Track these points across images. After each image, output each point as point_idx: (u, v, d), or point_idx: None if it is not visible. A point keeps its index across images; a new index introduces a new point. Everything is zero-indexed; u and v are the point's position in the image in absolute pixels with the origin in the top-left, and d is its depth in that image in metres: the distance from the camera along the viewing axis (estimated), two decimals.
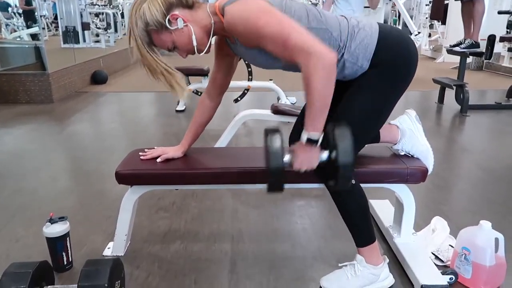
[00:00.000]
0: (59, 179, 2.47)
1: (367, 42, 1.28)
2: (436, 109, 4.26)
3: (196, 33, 1.25)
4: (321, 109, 1.15)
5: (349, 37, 1.28)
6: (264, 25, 1.14)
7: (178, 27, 1.23)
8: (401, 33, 1.38)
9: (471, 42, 3.95)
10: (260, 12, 1.15)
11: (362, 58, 1.29)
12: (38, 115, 3.97)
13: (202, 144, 2.88)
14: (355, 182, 1.37)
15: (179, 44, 1.27)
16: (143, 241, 1.76)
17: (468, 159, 2.84)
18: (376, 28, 1.31)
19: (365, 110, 1.33)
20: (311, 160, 1.21)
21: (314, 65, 1.09)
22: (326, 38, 1.26)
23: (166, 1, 1.22)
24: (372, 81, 1.31)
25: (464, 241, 1.42)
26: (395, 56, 1.31)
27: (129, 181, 1.50)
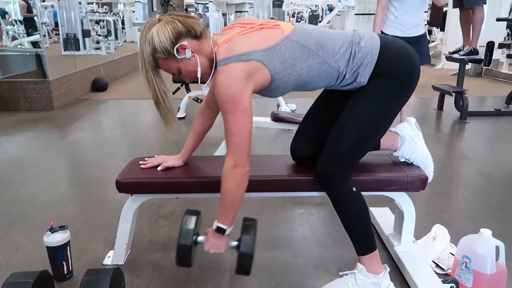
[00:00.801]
0: (59, 187, 2.48)
1: (367, 61, 1.31)
2: (436, 116, 4.27)
3: (202, 63, 1.29)
4: (230, 207, 1.32)
5: (350, 60, 1.31)
6: (226, 111, 1.24)
7: (185, 57, 1.27)
8: (403, 44, 1.39)
9: (470, 49, 3.97)
10: (231, 98, 1.22)
11: (361, 75, 1.32)
12: (39, 122, 3.98)
13: (202, 151, 2.88)
14: (356, 189, 1.38)
15: (184, 72, 1.31)
16: (144, 250, 1.75)
17: (468, 166, 2.85)
18: (378, 42, 1.33)
19: (367, 119, 1.35)
20: (219, 245, 1.38)
21: (233, 174, 1.27)
22: (324, 69, 1.31)
23: (175, 29, 1.24)
24: (374, 91, 1.33)
25: (464, 249, 1.42)
26: (396, 67, 1.33)
27: (130, 190, 1.51)
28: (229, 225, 1.36)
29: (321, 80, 1.35)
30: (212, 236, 1.37)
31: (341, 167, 1.37)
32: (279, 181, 1.50)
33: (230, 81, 1.22)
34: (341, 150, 1.36)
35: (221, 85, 1.23)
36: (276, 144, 3.24)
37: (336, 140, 1.37)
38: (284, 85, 1.33)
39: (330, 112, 1.48)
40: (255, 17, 9.86)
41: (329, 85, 1.38)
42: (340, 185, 1.38)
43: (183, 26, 1.25)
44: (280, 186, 1.52)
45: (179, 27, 1.24)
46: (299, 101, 4.47)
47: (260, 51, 1.25)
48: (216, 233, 1.36)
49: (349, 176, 1.40)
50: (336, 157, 1.37)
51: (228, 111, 1.24)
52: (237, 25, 1.34)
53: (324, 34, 1.34)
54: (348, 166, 1.40)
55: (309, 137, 1.54)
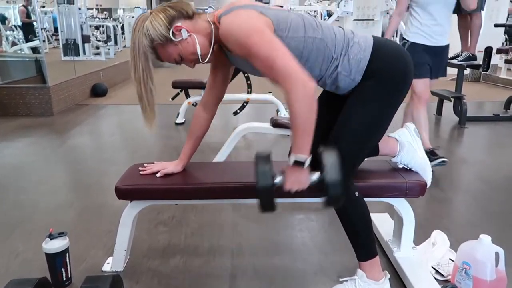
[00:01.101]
0: (59, 193, 2.47)
1: (360, 57, 1.31)
2: (435, 121, 4.28)
3: (200, 41, 1.28)
4: (305, 133, 1.19)
5: (344, 50, 1.31)
6: (253, 44, 1.17)
7: (182, 38, 1.26)
8: (396, 45, 1.41)
9: (468, 54, 3.98)
10: (251, 30, 1.18)
11: (355, 71, 1.31)
12: (38, 128, 3.98)
13: (201, 157, 2.89)
14: (359, 195, 1.38)
15: (185, 54, 1.29)
16: (143, 256, 1.75)
17: (467, 171, 2.85)
18: (371, 41, 1.34)
19: (363, 122, 1.34)
20: (301, 181, 1.25)
21: (297, 93, 1.14)
22: (321, 48, 1.30)
23: (167, 15, 1.26)
24: (368, 93, 1.33)
25: (464, 255, 1.42)
26: (390, 67, 1.33)
27: (129, 196, 1.51)
28: (308, 154, 1.21)
29: (316, 60, 1.31)
30: (291, 171, 1.24)
31: (343, 171, 1.37)
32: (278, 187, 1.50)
33: (246, 17, 1.19)
34: (341, 153, 1.36)
35: (236, 23, 1.19)
36: (275, 150, 3.23)
37: (336, 144, 1.37)
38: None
39: (328, 116, 1.49)
40: None
41: (325, 70, 1.34)
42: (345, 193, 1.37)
43: (173, 10, 1.27)
44: (280, 193, 1.52)
45: (170, 12, 1.26)
46: None
47: (266, 8, 1.26)
48: (295, 168, 1.23)
49: (350, 181, 1.40)
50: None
51: (254, 43, 1.16)
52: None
53: (322, 23, 1.36)
54: (349, 171, 1.40)
55: None
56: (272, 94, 4.23)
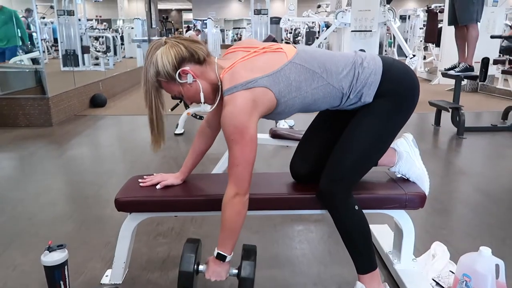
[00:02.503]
0: (57, 204, 2.46)
1: (371, 81, 1.33)
2: (433, 132, 4.30)
3: (204, 88, 1.31)
4: (231, 234, 1.34)
5: (353, 82, 1.33)
6: (232, 141, 1.25)
7: (187, 81, 1.29)
8: (403, 64, 1.43)
9: (466, 65, 4.02)
10: (237, 129, 1.23)
11: (365, 95, 1.34)
12: (37, 138, 3.98)
13: (201, 167, 2.88)
14: (358, 208, 1.38)
15: (186, 96, 1.33)
16: (142, 268, 1.74)
17: (466, 182, 2.85)
18: (380, 63, 1.35)
19: (370, 138, 1.36)
20: (220, 273, 1.38)
21: (234, 202, 1.29)
22: (328, 91, 1.33)
23: (179, 54, 1.26)
24: (377, 111, 1.35)
25: (464, 267, 1.42)
26: (399, 86, 1.36)
27: (128, 208, 1.50)
28: (229, 252, 1.36)
29: (325, 102, 1.36)
30: (213, 263, 1.38)
31: (344, 184, 1.38)
32: (279, 200, 1.50)
33: (236, 112, 1.22)
34: (345, 167, 1.37)
35: (227, 116, 1.23)
36: (274, 161, 3.24)
37: (340, 157, 1.38)
38: (290, 108, 1.34)
39: (330, 130, 1.50)
40: (253, 34, 9.97)
41: (334, 106, 1.39)
42: (343, 203, 1.38)
43: (187, 50, 1.27)
44: (280, 205, 1.52)
45: (182, 51, 1.26)
46: (298, 117, 4.49)
47: (265, 76, 1.25)
48: (216, 260, 1.37)
49: (351, 193, 1.40)
50: (339, 175, 1.37)
51: (234, 141, 1.24)
52: (240, 49, 1.35)
53: (326, 56, 1.35)
54: (351, 184, 1.41)
55: (309, 156, 1.56)
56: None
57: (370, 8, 6.13)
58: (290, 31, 16.83)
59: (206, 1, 27.06)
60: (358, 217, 1.38)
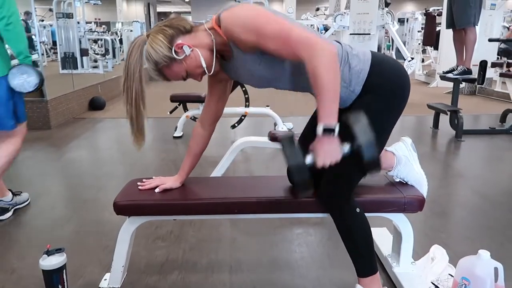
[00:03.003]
0: (56, 208, 2.46)
1: (360, 68, 1.32)
2: (432, 134, 4.30)
3: (203, 54, 1.28)
4: (332, 96, 1.15)
5: (342, 62, 1.32)
6: (264, 23, 1.17)
7: (186, 54, 1.26)
8: (393, 60, 1.43)
9: (464, 68, 4.03)
10: (257, 12, 1.19)
11: (354, 83, 1.33)
12: (36, 141, 3.98)
13: (199, 171, 2.89)
14: (360, 210, 1.38)
15: (191, 69, 1.29)
16: (140, 272, 1.74)
17: (465, 185, 2.86)
18: (369, 55, 1.36)
19: None
20: (333, 151, 1.18)
21: (319, 56, 1.12)
22: None
23: (166, 35, 1.25)
24: (367, 106, 1.34)
25: (463, 271, 1.42)
26: (389, 81, 1.36)
27: (127, 212, 1.50)
28: (336, 119, 1.16)
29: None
30: (321, 144, 1.18)
31: (344, 186, 1.38)
32: (278, 203, 1.50)
33: (244, 6, 1.20)
34: (344, 170, 1.36)
35: (237, 13, 1.20)
36: (273, 164, 3.24)
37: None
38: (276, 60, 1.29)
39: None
40: None
41: None
42: (344, 205, 1.38)
43: (171, 28, 1.26)
44: (279, 208, 1.52)
45: (168, 31, 1.26)
46: (296, 120, 4.50)
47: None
48: (325, 138, 1.17)
49: (352, 196, 1.41)
50: (339, 178, 1.37)
51: (264, 24, 1.16)
52: None
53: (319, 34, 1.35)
54: (351, 185, 1.40)
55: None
56: (269, 107, 4.25)
57: (368, 11, 6.15)
58: None
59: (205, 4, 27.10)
60: (360, 220, 1.39)
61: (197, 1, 27.89)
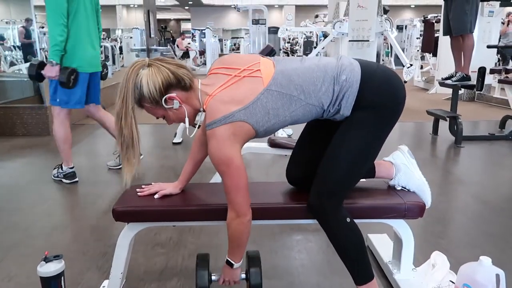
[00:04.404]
0: (54, 214, 2.45)
1: (348, 94, 1.32)
2: (431, 140, 4.31)
3: (189, 113, 1.34)
4: (237, 248, 1.41)
5: (333, 100, 1.33)
6: (220, 172, 1.30)
7: (173, 107, 1.31)
8: (386, 71, 1.40)
9: (462, 75, 4.04)
10: (221, 160, 1.27)
11: (343, 108, 1.34)
12: (35, 148, 3.97)
13: (199, 176, 2.87)
14: (350, 220, 1.38)
15: (170, 119, 1.37)
16: (139, 279, 1.72)
17: (465, 191, 2.85)
18: (358, 75, 1.32)
19: (356, 149, 1.35)
20: (232, 277, 1.46)
21: (235, 224, 1.34)
22: (308, 109, 1.33)
23: (166, 80, 1.27)
24: (361, 121, 1.34)
25: (464, 277, 1.40)
26: (380, 96, 1.35)
27: (126, 218, 1.49)
28: (238, 260, 1.43)
29: (307, 118, 1.38)
30: (226, 269, 1.46)
31: (333, 198, 1.38)
32: (277, 209, 1.49)
33: (219, 145, 1.26)
34: (332, 181, 1.37)
35: (211, 150, 1.28)
36: (272, 170, 3.23)
37: (327, 171, 1.38)
38: (271, 131, 1.37)
39: (321, 136, 1.51)
40: (251, 44, 10.02)
41: (316, 117, 1.40)
42: (333, 216, 1.38)
43: (174, 77, 1.27)
44: (278, 214, 1.51)
45: (170, 77, 1.27)
46: (296, 126, 4.49)
47: (242, 109, 1.26)
48: (227, 267, 1.45)
49: (341, 206, 1.40)
50: (327, 188, 1.37)
51: (222, 172, 1.29)
52: (222, 70, 1.35)
53: (304, 74, 1.32)
54: (340, 197, 1.40)
55: (302, 161, 1.57)
56: None
57: (367, 18, 6.18)
58: (288, 41, 16.94)
59: (205, 11, 27.27)
60: (350, 229, 1.38)
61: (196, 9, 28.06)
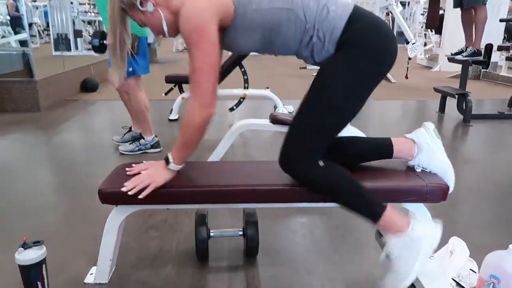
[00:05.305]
0: (43, 194, 2.29)
1: (334, 25, 1.22)
2: (438, 119, 4.14)
3: (167, 18, 1.25)
4: (185, 146, 1.28)
5: (317, 19, 1.22)
6: (190, 43, 1.18)
7: (147, 10, 1.24)
8: (375, 18, 1.30)
9: (474, 50, 3.85)
10: (195, 28, 1.16)
11: (328, 41, 1.23)
12: (24, 124, 3.79)
13: (196, 155, 2.72)
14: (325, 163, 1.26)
15: (149, 25, 1.28)
16: (131, 266, 1.58)
17: (476, 172, 2.70)
18: (349, 10, 1.24)
19: (330, 95, 1.25)
20: (156, 176, 1.29)
21: (195, 116, 1.22)
22: (292, 19, 1.23)
23: None
24: (337, 65, 1.24)
25: (492, 268, 1.26)
26: (364, 39, 1.24)
27: (114, 201, 1.33)
28: (177, 162, 1.29)
29: (288, 33, 1.24)
30: (157, 165, 1.32)
31: (303, 148, 1.27)
32: (283, 192, 1.34)
33: (193, 10, 1.17)
34: (302, 130, 1.28)
35: (184, 16, 1.17)
36: (272, 148, 3.07)
37: (297, 119, 1.29)
38: (249, 26, 1.24)
39: None
40: None
41: (299, 42, 1.26)
42: (305, 168, 1.26)
43: None
44: (284, 197, 1.35)
45: None
46: (297, 103, 4.31)
47: None
48: (161, 163, 1.31)
49: (315, 156, 1.27)
50: (297, 138, 1.28)
51: (193, 42, 1.18)
52: None
53: None
54: (312, 148, 1.27)
55: None
56: (269, 89, 4.06)
57: None
58: None
59: None
60: (329, 173, 1.26)
61: None
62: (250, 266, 1.60)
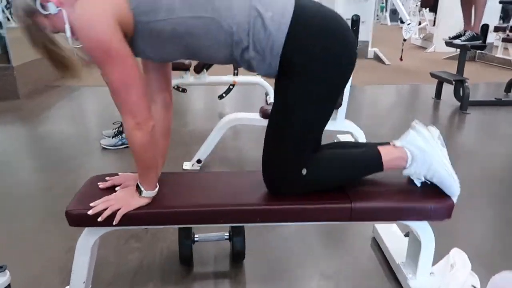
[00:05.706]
0: (15, 194, 2.14)
1: (272, 40, 1.05)
2: (433, 105, 4.02)
3: (71, 18, 1.05)
4: (144, 168, 1.13)
5: (251, 32, 1.04)
6: (98, 63, 1.02)
7: (51, 12, 1.05)
8: (323, 16, 1.10)
9: (472, 34, 3.69)
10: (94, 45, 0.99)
11: (269, 57, 1.07)
12: (2, 113, 3.59)
13: (184, 148, 2.58)
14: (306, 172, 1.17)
15: (56, 29, 1.08)
16: (107, 284, 1.46)
17: (476, 166, 2.59)
18: (289, 14, 1.05)
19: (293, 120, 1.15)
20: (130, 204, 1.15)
21: (136, 134, 1.06)
22: (213, 30, 1.04)
23: None
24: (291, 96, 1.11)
25: None
26: (312, 56, 1.07)
27: (83, 223, 1.19)
28: (147, 188, 1.15)
29: (212, 45, 1.08)
30: (128, 191, 1.18)
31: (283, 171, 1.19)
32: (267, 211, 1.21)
33: (87, 22, 0.98)
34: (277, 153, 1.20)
35: (79, 28, 1.00)
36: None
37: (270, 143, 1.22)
38: (158, 36, 1.06)
39: None
40: None
41: (230, 55, 1.11)
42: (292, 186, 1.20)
43: None
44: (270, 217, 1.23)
45: None
46: None
47: None
48: (135, 191, 1.17)
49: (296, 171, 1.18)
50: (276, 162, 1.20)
51: (102, 62, 1.01)
52: None
53: None
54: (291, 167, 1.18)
55: None
56: (261, 76, 3.89)
57: None
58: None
59: None
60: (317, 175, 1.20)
61: None
62: (237, 271, 1.50)
